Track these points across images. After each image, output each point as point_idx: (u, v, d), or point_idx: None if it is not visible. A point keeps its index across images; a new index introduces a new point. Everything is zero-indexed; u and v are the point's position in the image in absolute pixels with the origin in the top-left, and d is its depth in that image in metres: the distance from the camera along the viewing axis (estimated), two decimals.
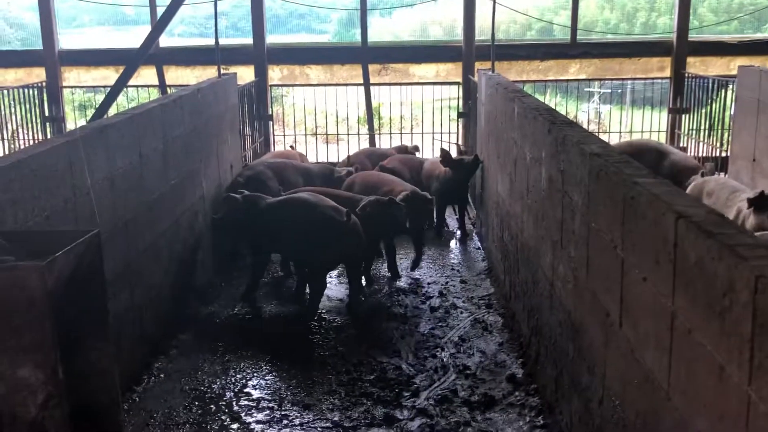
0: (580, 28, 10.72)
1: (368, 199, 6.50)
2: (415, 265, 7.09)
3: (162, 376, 5.18)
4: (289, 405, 4.77)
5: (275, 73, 10.81)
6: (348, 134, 10.88)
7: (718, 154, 9.07)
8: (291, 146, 9.92)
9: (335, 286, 6.78)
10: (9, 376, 2.70)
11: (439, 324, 5.89)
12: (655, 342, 2.66)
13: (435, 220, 8.19)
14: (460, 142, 10.24)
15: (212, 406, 4.78)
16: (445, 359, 5.34)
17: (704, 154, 9.36)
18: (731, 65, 10.18)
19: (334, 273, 6.97)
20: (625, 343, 3.01)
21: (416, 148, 9.50)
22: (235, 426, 4.55)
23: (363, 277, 6.76)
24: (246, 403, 4.82)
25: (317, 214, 5.96)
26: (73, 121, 11.82)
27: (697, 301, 2.28)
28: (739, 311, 2.00)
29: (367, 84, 10.55)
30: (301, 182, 7.55)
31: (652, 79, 10.90)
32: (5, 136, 10.15)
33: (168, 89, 10.43)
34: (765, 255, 2.03)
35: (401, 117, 11.04)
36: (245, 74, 10.09)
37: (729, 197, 6.08)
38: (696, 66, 10.46)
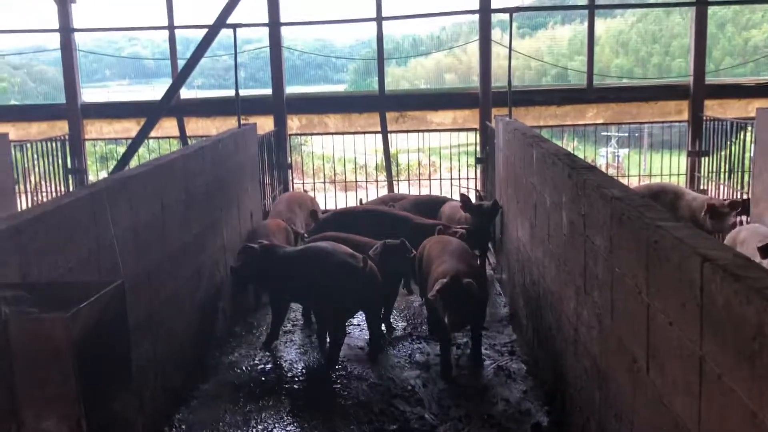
0: (595, 74, 10.78)
1: (380, 243, 6.54)
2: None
3: (183, 427, 5.15)
4: None
5: (294, 123, 10.93)
6: (366, 181, 10.94)
7: (738, 197, 9.00)
8: (304, 190, 10.00)
9: (356, 334, 6.75)
10: (33, 429, 2.69)
11: (462, 372, 5.83)
12: (683, 388, 2.62)
13: None
14: (479, 188, 10.26)
15: None
16: (468, 408, 5.28)
17: (725, 197, 9.30)
18: (749, 107, 10.18)
19: (354, 321, 6.94)
20: (652, 389, 2.96)
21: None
22: None
23: (383, 324, 6.73)
24: None
25: (334, 262, 5.98)
26: (95, 173, 11.98)
27: (725, 346, 2.25)
28: None
29: (384, 132, 10.64)
30: None
31: (670, 122, 10.90)
32: (28, 189, 10.29)
33: (189, 140, 10.56)
34: None
35: (419, 163, 11.09)
36: (264, 124, 10.21)
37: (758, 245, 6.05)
38: (714, 109, 10.46)
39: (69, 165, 10.72)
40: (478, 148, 10.37)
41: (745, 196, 8.70)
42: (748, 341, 2.10)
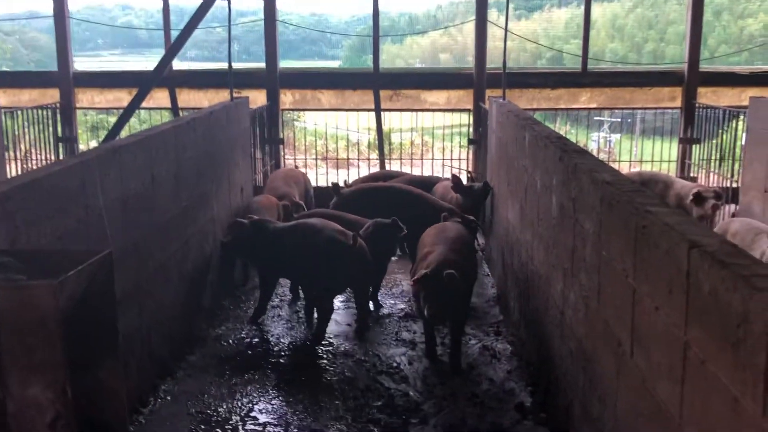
0: (590, 58, 10.76)
1: (371, 222, 6.54)
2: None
3: (168, 398, 5.16)
4: (296, 430, 4.74)
5: (287, 98, 10.88)
6: (358, 159, 10.92)
7: (728, 185, 9.05)
8: (295, 165, 10.00)
9: (343, 311, 6.77)
10: (18, 395, 2.70)
11: (448, 350, 5.86)
12: (667, 372, 2.64)
13: None
14: (470, 169, 10.26)
15: (218, 429, 4.75)
16: (453, 387, 5.31)
17: (714, 185, 9.34)
18: (742, 96, 10.18)
19: (342, 297, 6.96)
20: (636, 373, 2.99)
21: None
22: None
23: (371, 302, 6.76)
24: (252, 427, 4.79)
25: (324, 239, 5.98)
26: (86, 142, 11.92)
27: (710, 332, 2.27)
28: (754, 343, 1.99)
29: (378, 109, 10.60)
30: None
31: (663, 108, 10.91)
32: (18, 156, 10.22)
33: (180, 112, 10.50)
34: None
35: (411, 143, 11.07)
36: (257, 98, 10.15)
37: (754, 239, 6.07)
38: (707, 96, 10.47)
39: (59, 133, 10.64)
40: (471, 129, 10.36)
41: (734, 185, 8.74)
42: (732, 328, 2.11)
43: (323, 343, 6.06)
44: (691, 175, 10.13)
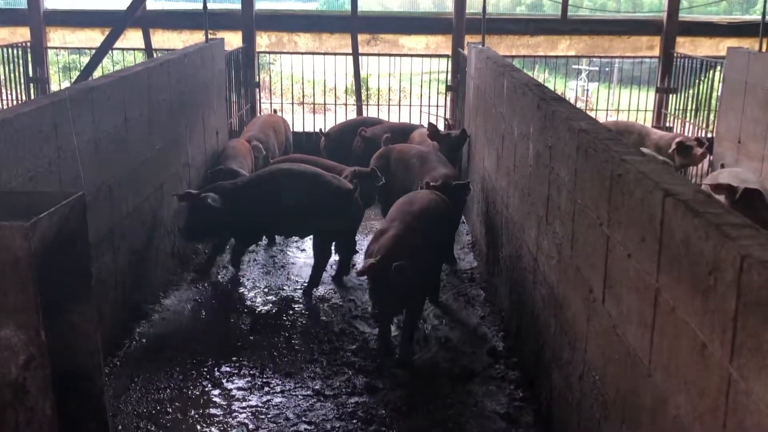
0: (570, 4, 10.67)
1: (350, 169, 6.49)
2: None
3: (143, 341, 5.17)
4: (271, 372, 4.78)
5: (263, 40, 10.70)
6: (335, 104, 10.82)
7: (703, 135, 9.10)
8: (275, 110, 9.90)
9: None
10: None
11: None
12: (637, 319, 2.68)
13: None
14: (447, 116, 10.21)
15: (193, 371, 4.79)
16: (427, 331, 5.37)
17: (690, 135, 9.39)
18: (720, 46, 10.18)
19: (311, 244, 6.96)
20: (607, 319, 3.03)
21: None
22: (216, 392, 4.56)
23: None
24: (227, 369, 4.83)
25: (330, 187, 5.86)
26: (58, 83, 11.67)
27: (681, 279, 2.30)
28: (724, 290, 2.02)
29: (355, 54, 10.47)
30: None
31: (641, 57, 10.89)
32: None
33: (154, 53, 10.30)
34: (751, 235, 2.04)
35: (389, 89, 10.98)
36: (232, 40, 9.99)
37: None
38: (685, 46, 10.45)
39: (30, 74, 10.42)
40: (450, 76, 10.28)
41: (709, 135, 8.79)
42: (703, 276, 2.14)
43: (297, 288, 6.08)
44: (667, 125, 10.16)
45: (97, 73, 8.77)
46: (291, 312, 5.68)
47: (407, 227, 4.94)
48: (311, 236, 6.47)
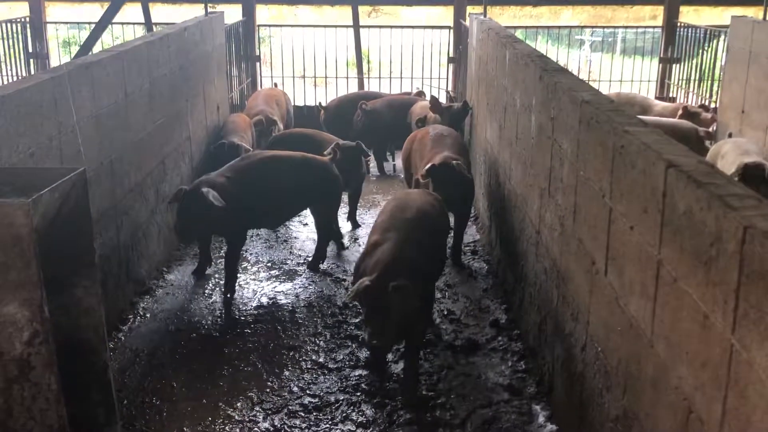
0: None
1: (337, 142, 6.45)
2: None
3: (148, 315, 5.20)
4: (275, 346, 4.80)
5: (263, 13, 10.63)
6: (336, 77, 10.76)
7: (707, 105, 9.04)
8: (275, 84, 9.86)
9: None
10: None
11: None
12: (640, 290, 2.69)
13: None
14: (449, 88, 10.16)
15: (198, 346, 4.81)
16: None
17: (693, 105, 9.34)
18: (724, 15, 10.09)
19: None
20: (609, 290, 3.03)
21: (421, 94, 9.35)
22: (220, 366, 4.58)
23: (349, 221, 6.84)
24: (231, 343, 4.85)
25: (302, 164, 5.82)
26: (57, 58, 11.60)
27: (684, 251, 2.30)
28: (726, 261, 2.01)
29: (356, 26, 10.40)
30: None
31: (644, 27, 10.80)
32: None
33: (154, 27, 10.22)
34: (754, 205, 2.03)
35: (390, 61, 10.90)
36: (232, 13, 9.91)
37: (734, 160, 5.99)
38: (689, 15, 10.37)
39: (30, 49, 10.36)
40: (451, 47, 10.21)
41: (713, 105, 8.73)
42: (706, 247, 2.14)
43: (300, 262, 6.10)
44: (670, 95, 10.11)
45: (96, 48, 8.70)
46: (294, 286, 5.70)
47: (403, 239, 4.29)
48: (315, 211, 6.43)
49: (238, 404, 4.19)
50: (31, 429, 2.85)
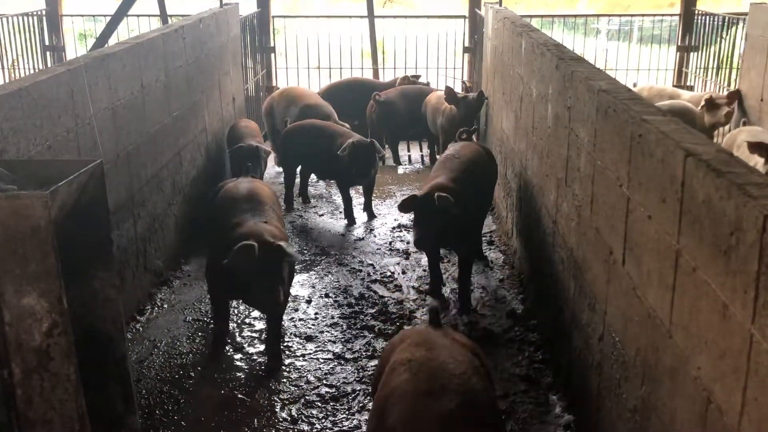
0: None
1: (351, 139, 6.45)
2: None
3: (165, 306, 5.22)
4: (292, 336, 4.82)
5: (277, 4, 10.61)
6: (351, 68, 10.74)
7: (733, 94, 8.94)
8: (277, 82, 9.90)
9: (338, 221, 6.80)
10: (14, 304, 2.71)
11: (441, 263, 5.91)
12: (658, 280, 2.67)
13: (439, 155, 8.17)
14: (465, 78, 10.12)
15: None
16: (446, 294, 5.38)
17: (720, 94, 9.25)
18: (742, 2, 9.98)
19: (331, 208, 6.97)
20: (627, 280, 3.02)
21: (417, 77, 9.38)
22: (237, 356, 4.61)
23: (365, 212, 6.86)
24: (249, 334, 4.87)
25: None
26: (74, 50, 11.65)
27: (702, 240, 2.28)
28: (746, 250, 1.99)
29: (371, 16, 10.38)
30: None
31: (662, 15, 10.70)
32: (5, 65, 10.02)
33: (169, 19, 10.25)
34: None
35: (405, 51, 10.87)
36: (247, 5, 9.91)
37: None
38: (707, 3, 10.25)
39: (46, 42, 10.41)
40: (467, 37, 10.17)
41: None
42: (725, 236, 2.12)
43: (317, 252, 6.11)
44: (688, 83, 10.01)
45: (112, 41, 8.74)
46: (311, 277, 5.71)
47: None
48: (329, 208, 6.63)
49: (256, 394, 4.20)
50: (50, 419, 2.87)
